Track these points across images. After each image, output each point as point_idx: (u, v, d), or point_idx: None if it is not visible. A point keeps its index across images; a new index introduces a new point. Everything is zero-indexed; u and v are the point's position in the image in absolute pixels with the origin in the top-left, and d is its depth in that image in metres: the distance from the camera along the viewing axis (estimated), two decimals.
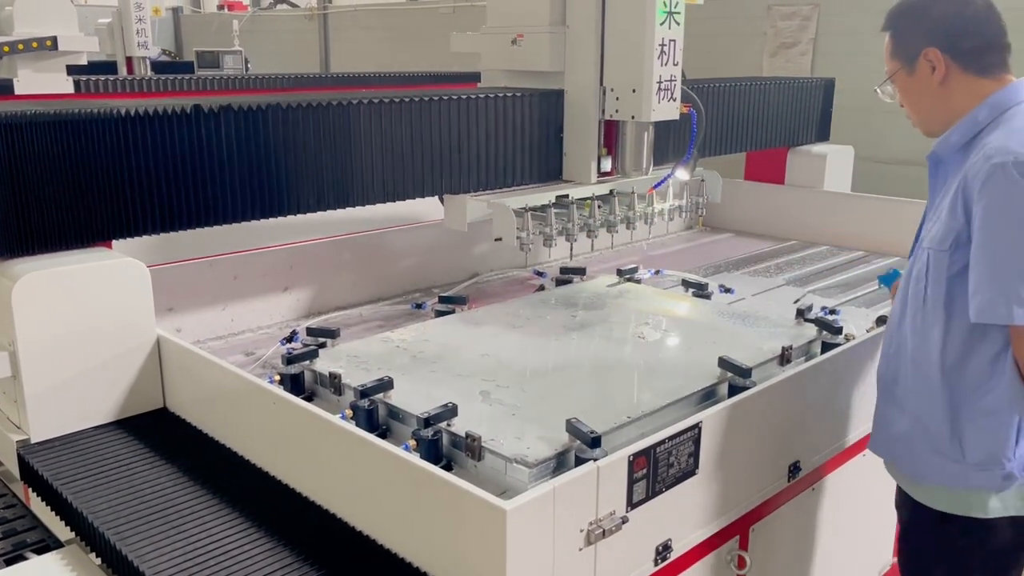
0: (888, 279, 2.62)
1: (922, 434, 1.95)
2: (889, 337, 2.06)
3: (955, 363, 1.86)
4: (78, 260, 2.08)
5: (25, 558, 1.89)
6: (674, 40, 2.62)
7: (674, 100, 2.69)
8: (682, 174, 2.78)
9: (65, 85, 5.60)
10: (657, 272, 3.38)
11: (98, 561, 1.82)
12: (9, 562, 1.87)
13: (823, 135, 4.22)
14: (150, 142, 2.15)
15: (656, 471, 1.72)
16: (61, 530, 1.96)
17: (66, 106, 2.13)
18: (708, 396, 2.16)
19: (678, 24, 2.63)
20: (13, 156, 1.98)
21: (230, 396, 2.04)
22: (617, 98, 2.71)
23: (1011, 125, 1.81)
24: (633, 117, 2.67)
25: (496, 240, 2.70)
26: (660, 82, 2.62)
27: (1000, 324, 1.75)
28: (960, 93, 1.91)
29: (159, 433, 2.14)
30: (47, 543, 1.95)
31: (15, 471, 2.07)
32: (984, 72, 1.90)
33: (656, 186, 2.91)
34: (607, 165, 2.86)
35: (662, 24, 2.56)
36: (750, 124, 3.73)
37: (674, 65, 2.65)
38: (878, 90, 2.08)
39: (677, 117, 2.71)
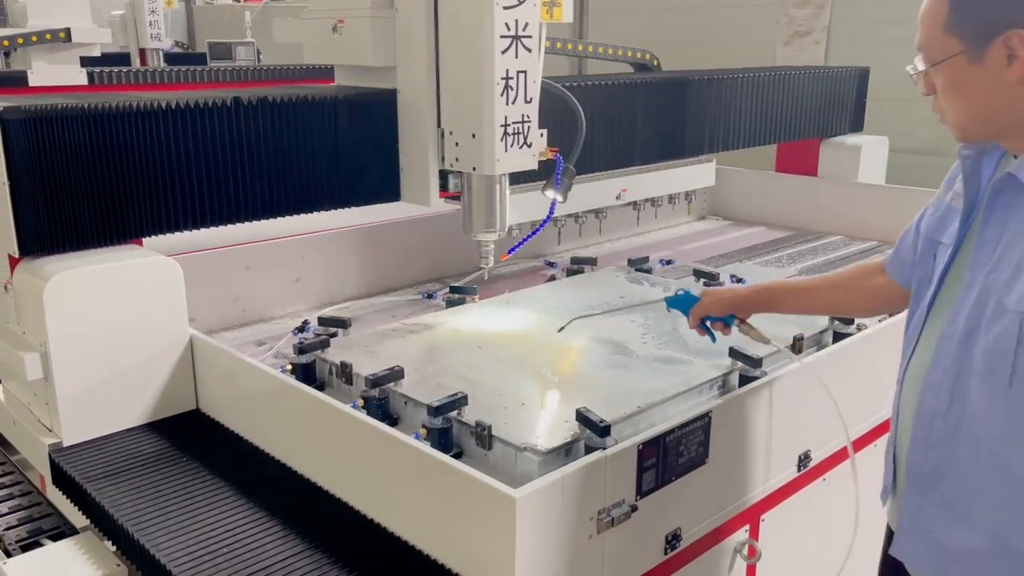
0: (680, 302, 2.16)
1: (1007, 556, 1.47)
2: (926, 418, 1.56)
3: None
4: (110, 258, 2.05)
5: (41, 544, 1.92)
6: (524, 71, 2.06)
7: (528, 145, 2.13)
8: (557, 196, 2.34)
9: (79, 77, 5.63)
10: (668, 262, 3.38)
11: (113, 548, 1.85)
12: (25, 548, 1.90)
13: (857, 126, 4.17)
14: (183, 136, 2.09)
15: (666, 460, 1.73)
16: (77, 517, 1.98)
17: (96, 99, 2.09)
18: (719, 386, 2.16)
19: (529, 51, 2.06)
20: (43, 151, 1.94)
21: (263, 396, 2.03)
22: (456, 144, 2.16)
23: None
24: (475, 169, 2.14)
25: None
26: (506, 125, 2.07)
27: None
28: None
29: (190, 434, 2.13)
30: (63, 530, 1.98)
31: (46, 473, 2.06)
32: None
33: (511, 251, 2.44)
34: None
35: (504, 52, 2.01)
36: (782, 115, 3.67)
37: (526, 103, 2.09)
38: (912, 74, 1.57)
39: (535, 167, 2.18)
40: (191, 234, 2.24)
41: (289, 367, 2.24)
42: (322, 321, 2.60)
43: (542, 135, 2.17)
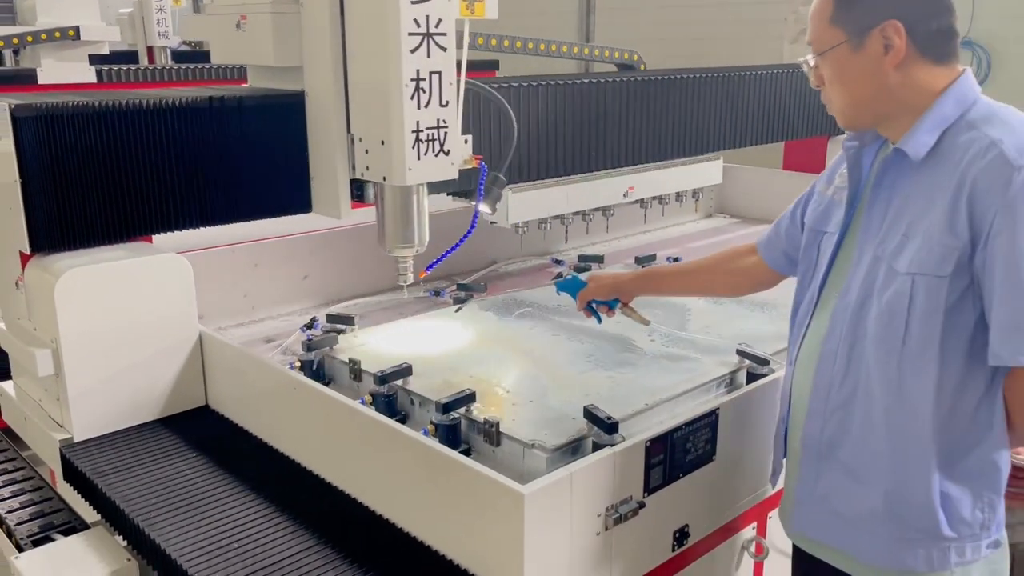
0: (568, 286, 2.30)
1: (898, 511, 1.58)
2: (823, 389, 1.67)
3: (946, 417, 1.53)
4: (120, 255, 2.06)
5: (52, 539, 1.93)
6: (438, 72, 1.89)
7: (446, 153, 1.96)
8: (484, 208, 2.22)
9: (87, 74, 5.66)
10: (676, 260, 3.38)
11: (124, 542, 1.86)
12: (37, 543, 1.92)
13: None
14: (191, 135, 2.10)
15: (673, 457, 1.73)
16: (87, 512, 1.99)
17: (106, 97, 2.10)
18: (726, 383, 2.16)
19: (443, 49, 1.88)
20: (54, 148, 1.95)
21: (272, 393, 2.04)
22: (367, 151, 1.99)
23: (1004, 122, 1.51)
24: (385, 178, 1.97)
25: None
26: (419, 131, 1.89)
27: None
28: (911, 82, 1.57)
29: (199, 430, 2.14)
30: (73, 525, 1.99)
31: (57, 469, 2.08)
32: (941, 59, 1.58)
33: (429, 268, 2.24)
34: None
35: (414, 51, 1.84)
36: (789, 113, 3.66)
37: (441, 106, 1.91)
38: (804, 65, 1.70)
39: (454, 176, 2.00)
40: (200, 231, 2.25)
41: (298, 364, 2.25)
42: (330, 318, 2.61)
43: (466, 141, 2.04)
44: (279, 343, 2.57)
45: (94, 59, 5.82)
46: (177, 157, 2.11)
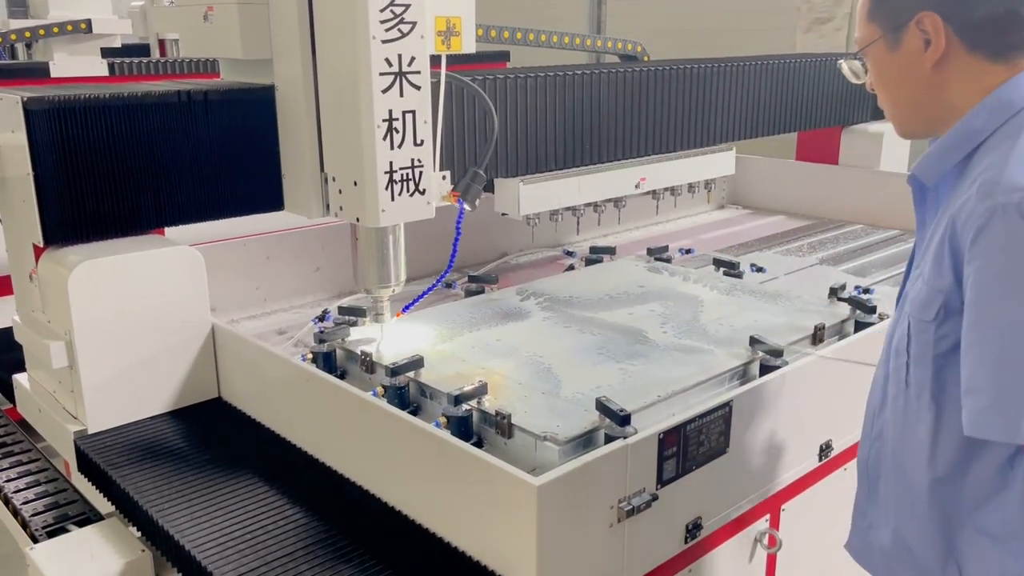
0: None
1: (904, 555, 1.47)
2: (871, 414, 1.57)
3: (951, 471, 1.36)
4: (133, 248, 2.07)
5: (67, 530, 1.95)
6: (412, 111, 1.85)
7: (422, 192, 1.94)
8: (465, 206, 2.20)
9: (100, 67, 5.68)
10: (688, 251, 3.37)
11: (138, 534, 1.87)
12: (52, 534, 1.93)
13: (879, 113, 4.10)
14: (204, 126, 2.11)
15: (686, 449, 1.72)
16: (102, 503, 2.00)
17: (119, 89, 2.11)
18: (739, 375, 2.15)
19: (417, 88, 1.84)
20: (67, 141, 1.96)
21: (284, 385, 2.05)
22: (340, 191, 1.95)
23: (1020, 142, 1.25)
24: (358, 220, 1.94)
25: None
26: (392, 171, 1.85)
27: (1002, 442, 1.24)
28: (959, 82, 1.35)
29: (212, 422, 2.15)
30: (88, 516, 2.00)
31: (72, 460, 2.09)
32: (997, 55, 1.33)
33: (406, 309, 2.24)
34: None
35: (386, 91, 1.80)
36: (802, 103, 3.64)
37: (416, 146, 1.87)
38: (843, 65, 1.55)
39: (431, 215, 1.97)
40: (212, 224, 2.25)
41: (310, 356, 2.26)
42: (342, 310, 2.61)
43: (444, 177, 2.01)
44: (291, 335, 2.57)
45: (106, 52, 5.84)
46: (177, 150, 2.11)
